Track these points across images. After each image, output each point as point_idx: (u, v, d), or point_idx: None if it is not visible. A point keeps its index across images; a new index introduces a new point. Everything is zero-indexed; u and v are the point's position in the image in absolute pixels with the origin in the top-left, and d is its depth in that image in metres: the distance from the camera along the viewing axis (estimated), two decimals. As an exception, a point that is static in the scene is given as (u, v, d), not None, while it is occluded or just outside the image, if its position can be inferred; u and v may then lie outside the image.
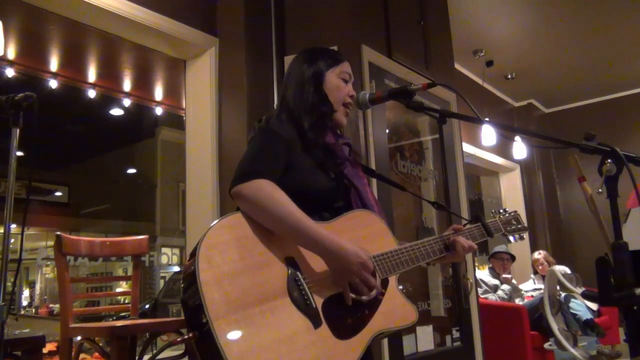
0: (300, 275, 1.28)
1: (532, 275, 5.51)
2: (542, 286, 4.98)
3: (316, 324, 1.24)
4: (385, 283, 1.42)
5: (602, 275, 1.11)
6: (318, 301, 1.28)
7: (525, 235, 1.80)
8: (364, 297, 1.34)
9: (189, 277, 1.16)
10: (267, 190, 1.28)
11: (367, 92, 1.62)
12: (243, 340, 1.13)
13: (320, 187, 1.43)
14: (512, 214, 1.79)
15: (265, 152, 1.38)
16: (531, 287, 5.36)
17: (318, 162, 1.45)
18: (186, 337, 1.15)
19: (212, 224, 1.22)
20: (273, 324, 1.18)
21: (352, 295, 1.32)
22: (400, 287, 1.48)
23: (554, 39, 5.32)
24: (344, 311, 1.31)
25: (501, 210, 1.78)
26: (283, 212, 1.26)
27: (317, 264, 1.32)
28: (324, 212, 1.41)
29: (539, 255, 5.58)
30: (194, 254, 1.17)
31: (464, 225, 1.65)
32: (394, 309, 1.42)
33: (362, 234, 1.43)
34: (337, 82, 1.55)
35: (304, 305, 1.24)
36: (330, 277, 1.33)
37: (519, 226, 1.78)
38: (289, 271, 1.26)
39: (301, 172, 1.40)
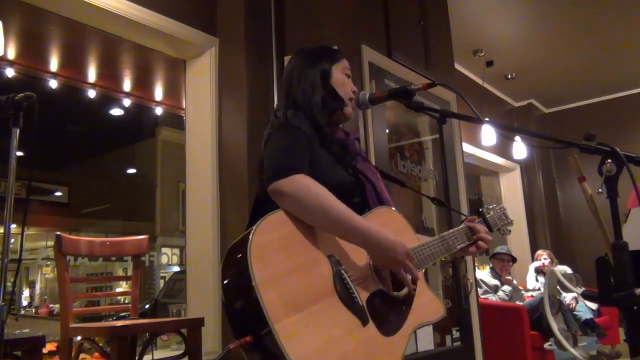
0: (345, 273, 1.27)
1: (534, 273, 5.51)
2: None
3: (364, 321, 1.25)
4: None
5: (602, 275, 1.11)
6: (363, 298, 1.28)
7: (512, 228, 1.84)
8: (404, 291, 1.37)
9: (241, 279, 1.11)
10: (308, 186, 1.26)
11: (367, 92, 1.63)
12: (304, 343, 1.11)
13: (340, 182, 1.43)
14: (502, 209, 1.82)
15: (294, 146, 1.36)
16: (532, 284, 5.38)
17: (335, 157, 1.45)
18: (241, 341, 1.10)
19: (257, 223, 1.17)
20: (327, 323, 1.17)
21: (395, 293, 1.35)
22: None
23: (554, 39, 5.32)
24: (386, 307, 1.33)
25: (490, 207, 1.80)
26: (326, 206, 1.25)
27: (359, 259, 1.32)
28: None
29: (543, 251, 5.61)
30: (240, 255, 1.13)
31: (463, 220, 1.69)
32: (425, 303, 1.44)
33: (390, 230, 1.43)
34: (342, 77, 1.57)
35: (351, 303, 1.24)
36: (371, 272, 1.34)
37: (508, 221, 1.82)
38: (334, 269, 1.25)
39: (321, 168, 1.39)
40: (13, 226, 1.45)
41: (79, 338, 2.19)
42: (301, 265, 1.20)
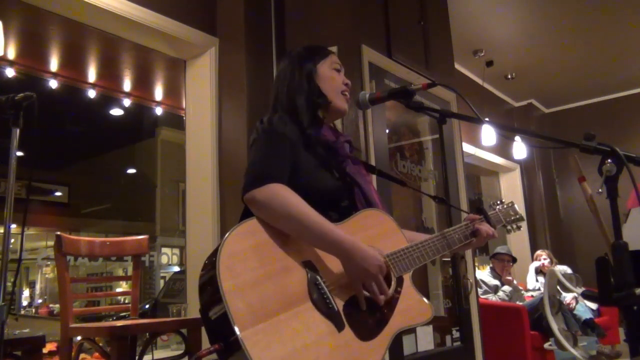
0: (320, 279, 1.27)
1: (534, 273, 5.51)
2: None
3: (339, 327, 1.24)
4: (400, 280, 1.42)
5: (602, 275, 1.11)
6: (339, 304, 1.27)
7: (523, 224, 1.82)
8: (377, 300, 1.34)
9: (211, 288, 1.14)
10: (282, 194, 1.27)
11: (367, 92, 1.62)
12: (272, 349, 1.12)
13: (326, 187, 1.42)
14: (510, 205, 1.81)
15: (274, 154, 1.36)
16: (532, 284, 5.38)
17: (321, 161, 1.44)
18: (211, 348, 1.13)
19: (228, 232, 1.20)
20: (298, 330, 1.18)
21: (366, 298, 1.32)
22: None
23: (554, 39, 5.32)
24: (365, 312, 1.31)
25: (498, 202, 1.79)
26: (300, 215, 1.25)
27: (335, 266, 1.31)
28: (330, 212, 1.39)
29: (542, 251, 5.61)
30: (212, 264, 1.15)
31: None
32: (411, 306, 1.43)
33: (375, 233, 1.42)
34: (330, 72, 1.57)
35: (326, 309, 1.24)
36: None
37: (517, 217, 1.81)
38: (309, 275, 1.25)
39: (306, 173, 1.39)
40: (13, 226, 1.45)
41: (79, 338, 2.19)
42: (273, 273, 1.21)
